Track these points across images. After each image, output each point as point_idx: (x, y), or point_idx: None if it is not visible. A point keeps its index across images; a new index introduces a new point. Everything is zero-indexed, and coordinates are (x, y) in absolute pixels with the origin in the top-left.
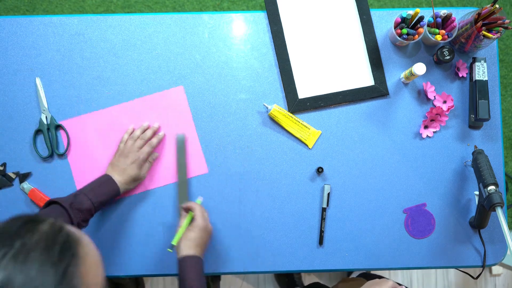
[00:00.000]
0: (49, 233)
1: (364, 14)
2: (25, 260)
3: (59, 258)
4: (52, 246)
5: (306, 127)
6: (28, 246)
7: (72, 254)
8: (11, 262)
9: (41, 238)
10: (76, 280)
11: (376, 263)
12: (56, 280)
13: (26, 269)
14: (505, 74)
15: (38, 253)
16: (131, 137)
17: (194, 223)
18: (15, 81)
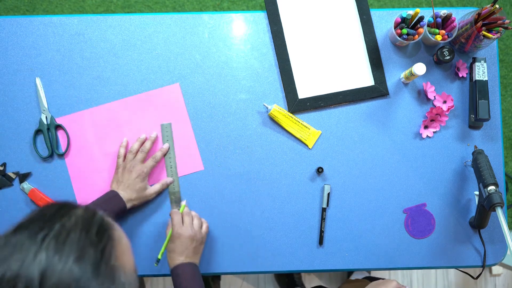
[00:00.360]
0: (85, 217)
1: (364, 14)
2: (66, 241)
3: (97, 239)
4: (89, 228)
5: (306, 127)
6: (67, 227)
7: (108, 236)
8: (53, 243)
9: (78, 221)
10: (113, 260)
11: (376, 263)
12: (96, 259)
13: (67, 249)
14: (505, 74)
15: (77, 234)
16: (129, 151)
17: (172, 233)
18: (15, 81)
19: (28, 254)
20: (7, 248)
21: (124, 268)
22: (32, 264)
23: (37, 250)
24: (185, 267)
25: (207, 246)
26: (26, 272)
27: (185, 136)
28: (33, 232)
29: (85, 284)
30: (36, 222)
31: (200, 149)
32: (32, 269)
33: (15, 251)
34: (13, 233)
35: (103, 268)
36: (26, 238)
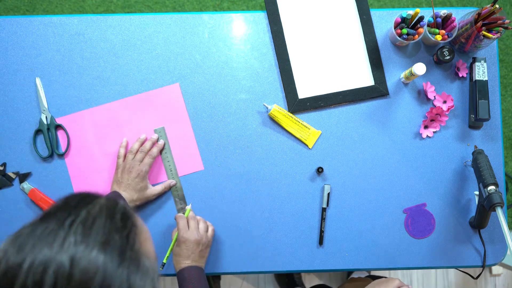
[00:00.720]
0: (108, 205)
1: (364, 14)
2: (92, 226)
3: (122, 225)
4: (113, 214)
5: (306, 127)
6: (93, 214)
7: (132, 223)
8: (80, 228)
9: (102, 208)
10: (137, 246)
11: (376, 263)
12: (121, 245)
13: (94, 234)
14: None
15: (103, 220)
16: (129, 151)
17: (178, 238)
18: (15, 81)
19: (56, 239)
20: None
21: (148, 255)
22: (61, 249)
23: (65, 235)
24: (191, 271)
25: None
26: (55, 257)
27: (185, 136)
28: (61, 219)
29: (111, 269)
30: (62, 210)
31: (200, 149)
32: (61, 253)
33: (43, 238)
34: (39, 221)
35: (128, 253)
36: (54, 224)
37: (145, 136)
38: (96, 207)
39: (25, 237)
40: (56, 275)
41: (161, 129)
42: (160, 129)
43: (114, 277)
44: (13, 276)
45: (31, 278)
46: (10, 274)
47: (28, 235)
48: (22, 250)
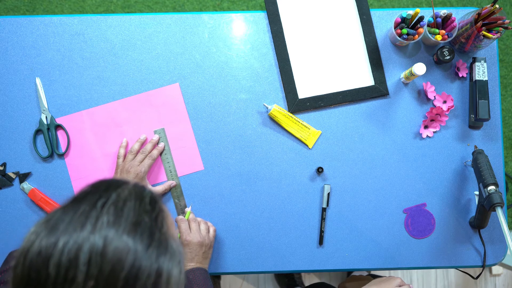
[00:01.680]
0: (136, 189)
1: (364, 14)
2: (124, 207)
3: (151, 208)
4: (143, 198)
5: (306, 127)
6: (123, 197)
7: (159, 207)
8: (112, 208)
9: (131, 192)
10: (165, 229)
11: (376, 263)
12: (151, 226)
13: (125, 215)
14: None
15: (133, 202)
16: (129, 151)
17: (180, 241)
18: (15, 81)
19: (89, 220)
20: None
21: (175, 238)
22: (94, 229)
23: (98, 216)
24: (196, 272)
25: None
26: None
27: (185, 136)
28: (92, 201)
29: (142, 249)
30: (92, 193)
31: (200, 149)
32: (95, 234)
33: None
34: (70, 204)
35: (157, 235)
36: (86, 205)
37: (145, 137)
38: (125, 190)
39: (57, 219)
40: (90, 254)
41: (161, 130)
42: (160, 130)
43: (144, 257)
44: (48, 256)
45: (66, 257)
46: (44, 254)
47: (60, 217)
48: (56, 231)
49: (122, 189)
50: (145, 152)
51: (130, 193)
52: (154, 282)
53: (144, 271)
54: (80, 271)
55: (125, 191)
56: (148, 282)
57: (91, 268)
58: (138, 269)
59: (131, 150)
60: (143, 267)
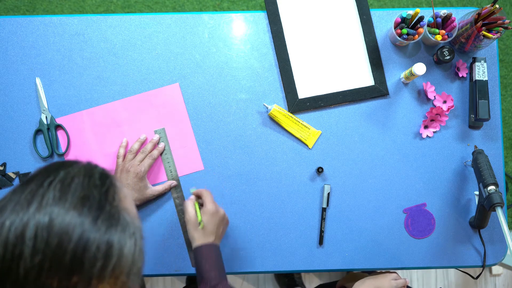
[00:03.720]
0: (87, 167)
1: (364, 14)
2: (71, 183)
3: (101, 183)
4: (92, 174)
5: (306, 127)
6: (71, 174)
7: (110, 181)
8: (59, 185)
9: (81, 169)
10: (117, 202)
11: (376, 263)
12: (100, 200)
13: (72, 191)
14: (505, 74)
15: (81, 178)
16: (129, 151)
17: (204, 209)
18: (15, 81)
19: (35, 198)
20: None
21: (128, 211)
22: (40, 206)
23: (44, 193)
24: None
25: None
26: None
27: (185, 136)
28: (40, 180)
29: (90, 222)
30: (42, 173)
31: (200, 149)
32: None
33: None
34: (20, 186)
35: (108, 207)
36: (33, 185)
37: (145, 137)
38: (75, 169)
39: (7, 201)
40: (36, 229)
41: (161, 130)
42: (160, 130)
43: (93, 229)
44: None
45: (13, 234)
46: None
47: (10, 198)
48: (4, 212)
49: (72, 167)
50: (145, 151)
51: (79, 170)
52: (104, 254)
53: (92, 243)
54: (26, 246)
55: (74, 169)
56: (98, 254)
57: (37, 243)
58: (86, 242)
59: (131, 149)
60: (92, 239)
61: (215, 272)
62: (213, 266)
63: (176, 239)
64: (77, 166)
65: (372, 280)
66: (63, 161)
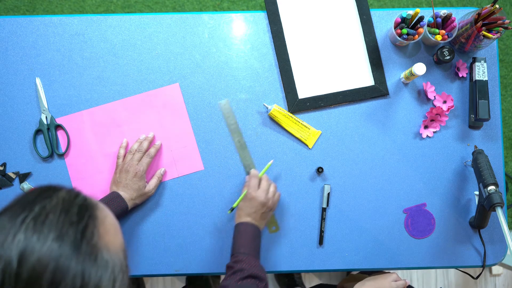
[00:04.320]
0: (66, 198)
1: (364, 14)
2: (45, 221)
3: (78, 219)
4: (70, 208)
5: (306, 127)
6: (47, 209)
7: (90, 215)
8: (32, 224)
9: (59, 202)
10: (96, 239)
11: (376, 263)
12: (75, 239)
13: (46, 230)
14: (505, 74)
15: (57, 214)
16: (129, 151)
17: (246, 194)
18: (15, 81)
19: (7, 236)
20: None
21: (109, 247)
22: (11, 245)
23: (16, 232)
24: (248, 227)
25: (206, 247)
26: (4, 253)
27: (185, 136)
28: (14, 215)
29: (64, 262)
30: (18, 205)
31: (200, 149)
32: (10, 250)
33: None
34: None
35: (84, 247)
36: (6, 221)
37: (145, 136)
38: (52, 201)
39: None
40: (4, 273)
41: (225, 101)
42: (225, 101)
43: (67, 271)
44: None
45: None
46: None
47: None
48: None
49: (51, 199)
50: (141, 150)
51: (57, 203)
52: None
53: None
54: None
55: (52, 202)
56: None
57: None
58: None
59: (131, 150)
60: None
61: (245, 249)
62: (247, 244)
63: (176, 239)
64: (56, 198)
65: (372, 282)
66: (44, 188)
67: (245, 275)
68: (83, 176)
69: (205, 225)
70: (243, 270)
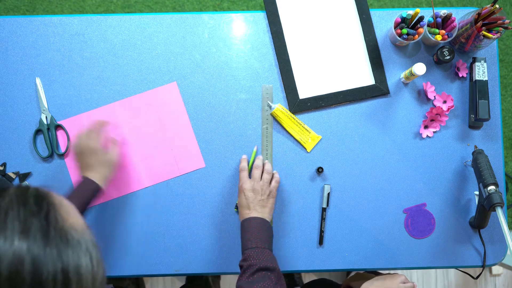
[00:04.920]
0: (18, 193)
1: (364, 13)
2: (6, 219)
3: (37, 208)
4: (25, 200)
5: (307, 131)
6: (4, 206)
7: (47, 202)
8: None
9: (12, 198)
10: (61, 222)
11: (376, 263)
12: (42, 227)
13: (10, 227)
14: (505, 74)
15: (16, 210)
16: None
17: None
18: (15, 81)
19: None
20: None
21: (75, 227)
22: None
23: None
24: (251, 221)
25: (206, 247)
26: None
27: (185, 133)
28: None
29: (39, 252)
30: None
31: (200, 149)
32: None
33: None
34: None
35: (52, 232)
36: None
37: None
38: (6, 199)
39: None
40: None
41: (269, 86)
42: (268, 86)
43: (44, 260)
44: None
45: None
46: None
47: None
48: None
49: (2, 198)
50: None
51: (11, 200)
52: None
53: (47, 274)
54: None
55: (5, 200)
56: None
57: None
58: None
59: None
60: (45, 270)
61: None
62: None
63: (176, 239)
64: (8, 196)
65: (380, 282)
66: None
67: (254, 269)
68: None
69: (205, 225)
70: (252, 266)
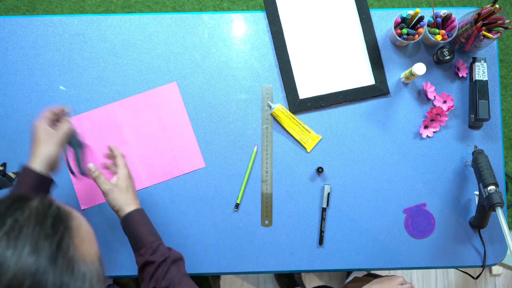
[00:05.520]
0: (40, 208)
1: (364, 13)
2: (19, 236)
3: (53, 231)
4: (44, 220)
5: (307, 131)
6: (20, 222)
7: (65, 226)
8: (4, 239)
9: (32, 214)
10: (72, 251)
11: (376, 263)
12: (51, 253)
13: (20, 244)
14: (505, 74)
15: (31, 228)
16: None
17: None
18: (15, 81)
19: None
20: None
21: (85, 258)
22: None
23: None
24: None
25: (206, 247)
26: None
27: (184, 133)
28: None
29: (41, 277)
30: None
31: (200, 149)
32: None
33: None
34: None
35: (60, 260)
36: None
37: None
38: (25, 213)
39: None
40: None
41: (269, 86)
42: (268, 86)
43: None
44: None
45: None
46: None
47: None
48: None
49: (22, 210)
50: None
51: (30, 215)
52: None
53: None
54: None
55: (24, 214)
56: None
57: None
58: None
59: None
60: None
61: (152, 236)
62: (150, 230)
63: (176, 239)
64: (28, 209)
65: (379, 285)
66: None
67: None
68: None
69: (205, 225)
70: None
